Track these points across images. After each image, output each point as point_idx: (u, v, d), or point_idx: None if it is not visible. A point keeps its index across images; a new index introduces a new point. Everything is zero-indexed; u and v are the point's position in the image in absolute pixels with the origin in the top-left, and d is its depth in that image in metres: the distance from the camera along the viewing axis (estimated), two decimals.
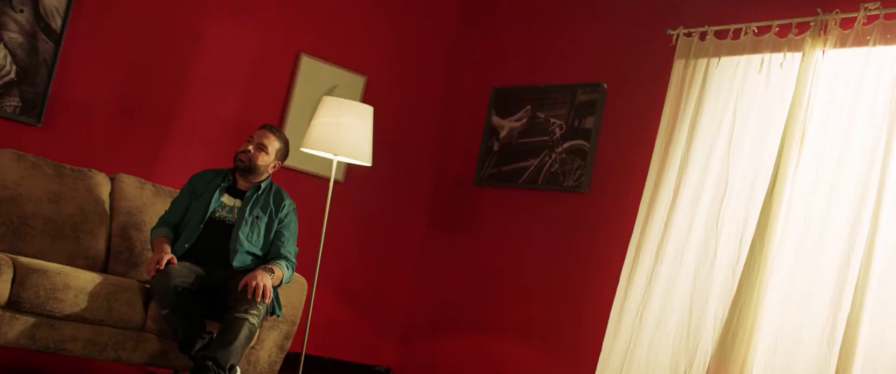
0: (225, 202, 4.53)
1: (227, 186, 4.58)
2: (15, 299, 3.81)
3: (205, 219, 4.45)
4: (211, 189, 4.53)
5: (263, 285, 4.17)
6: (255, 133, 4.64)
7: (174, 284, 4.07)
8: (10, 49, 4.97)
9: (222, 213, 4.50)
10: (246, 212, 4.49)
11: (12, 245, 4.31)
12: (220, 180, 4.58)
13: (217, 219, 4.48)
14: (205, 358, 4.03)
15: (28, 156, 4.55)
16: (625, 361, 4.91)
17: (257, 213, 4.52)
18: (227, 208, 4.52)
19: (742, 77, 4.87)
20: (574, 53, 6.02)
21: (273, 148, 4.61)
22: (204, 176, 4.64)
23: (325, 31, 6.14)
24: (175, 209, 4.54)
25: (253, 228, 4.48)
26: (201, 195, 4.53)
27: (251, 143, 4.57)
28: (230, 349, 4.01)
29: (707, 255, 4.73)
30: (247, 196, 4.55)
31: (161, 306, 4.09)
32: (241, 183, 4.61)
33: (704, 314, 4.67)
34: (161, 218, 4.56)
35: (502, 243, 6.06)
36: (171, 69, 5.55)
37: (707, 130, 4.93)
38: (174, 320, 4.09)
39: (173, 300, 4.06)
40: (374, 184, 6.34)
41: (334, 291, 6.16)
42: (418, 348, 6.41)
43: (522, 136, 6.08)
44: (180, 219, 4.52)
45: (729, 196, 4.74)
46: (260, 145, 4.57)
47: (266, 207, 4.57)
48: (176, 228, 4.51)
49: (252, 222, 4.49)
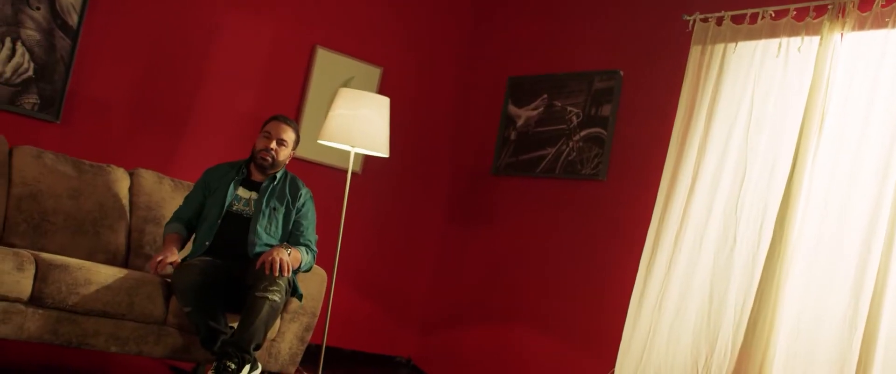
0: (241, 195, 4.52)
1: (242, 178, 4.56)
2: (37, 294, 3.83)
3: (222, 214, 4.44)
4: (225, 183, 4.52)
5: (280, 259, 4.14)
6: (269, 127, 4.59)
7: (197, 281, 4.07)
8: (27, 47, 5.00)
9: (239, 206, 4.49)
10: (263, 204, 4.48)
11: (34, 241, 4.33)
12: (234, 173, 4.56)
13: (234, 213, 4.47)
14: (226, 345, 4.05)
15: (47, 153, 4.57)
16: (645, 349, 4.90)
17: (274, 204, 4.51)
18: (244, 200, 4.51)
19: (759, 62, 4.84)
20: (590, 41, 6.00)
21: (290, 140, 4.61)
22: (218, 170, 4.62)
23: (340, 24, 6.14)
24: (188, 205, 4.55)
25: (271, 220, 4.47)
26: (216, 190, 4.51)
27: (270, 139, 4.53)
28: (251, 328, 4.00)
29: (726, 241, 4.72)
30: (263, 188, 4.54)
31: (184, 303, 4.09)
32: (255, 175, 4.59)
33: (725, 300, 4.65)
34: (175, 213, 4.57)
35: (520, 232, 6.06)
36: (188, 64, 5.57)
37: (725, 115, 4.91)
38: (197, 317, 4.09)
39: (196, 298, 4.07)
40: (392, 175, 6.34)
41: (353, 282, 6.18)
42: (438, 338, 6.42)
43: (539, 125, 6.07)
44: (194, 214, 4.52)
45: (748, 182, 4.72)
46: (280, 141, 4.54)
47: (282, 197, 4.55)
48: (189, 223, 4.51)
49: (269, 214, 4.48)
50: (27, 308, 3.84)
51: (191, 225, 4.54)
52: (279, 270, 4.11)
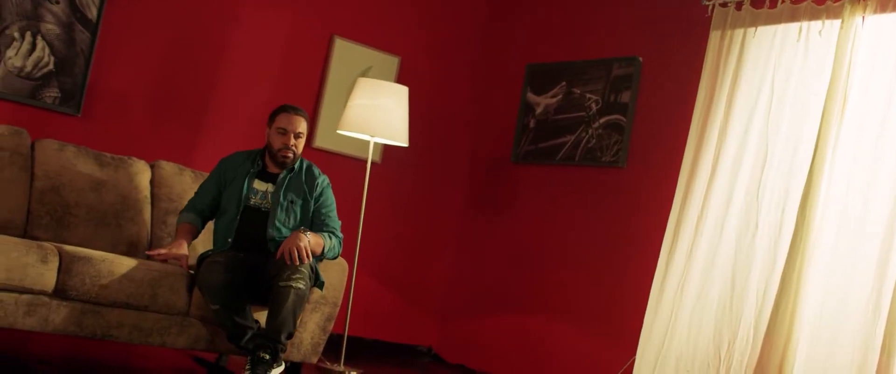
0: (257, 188, 4.45)
1: (257, 170, 4.48)
2: (61, 286, 3.86)
3: (240, 209, 4.40)
4: (241, 176, 4.45)
5: (298, 247, 4.11)
6: (282, 122, 4.43)
7: (223, 279, 4.07)
8: (47, 41, 5.02)
9: (256, 200, 4.43)
10: (280, 197, 4.42)
11: (57, 234, 4.36)
12: (249, 165, 4.49)
13: (252, 207, 4.41)
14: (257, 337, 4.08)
15: (69, 146, 4.60)
16: (666, 336, 4.89)
17: (291, 197, 4.44)
18: (260, 193, 4.44)
19: (780, 47, 4.82)
20: (608, 27, 5.98)
21: (306, 130, 4.52)
22: (233, 161, 4.55)
23: (357, 14, 6.14)
24: (202, 195, 4.50)
25: (289, 213, 4.42)
26: (232, 182, 4.45)
27: (286, 134, 4.42)
28: (280, 318, 4.01)
29: (748, 227, 4.70)
30: (279, 180, 4.46)
31: (211, 301, 4.10)
32: (271, 167, 4.51)
33: (747, 286, 4.64)
34: (190, 202, 4.53)
35: (540, 220, 6.05)
36: (206, 55, 5.59)
37: (745, 101, 4.88)
38: (224, 315, 4.10)
39: (223, 296, 4.07)
40: (411, 164, 6.35)
41: (374, 272, 6.19)
42: (459, 327, 6.42)
43: (558, 112, 6.06)
44: (208, 204, 4.49)
45: (769, 167, 4.70)
46: (297, 135, 4.45)
47: (299, 189, 4.48)
48: (202, 213, 4.49)
49: (287, 207, 4.42)
50: (52, 301, 3.86)
51: (204, 215, 4.52)
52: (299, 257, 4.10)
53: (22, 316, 3.80)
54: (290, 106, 4.53)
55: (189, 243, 4.42)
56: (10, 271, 3.73)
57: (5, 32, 4.91)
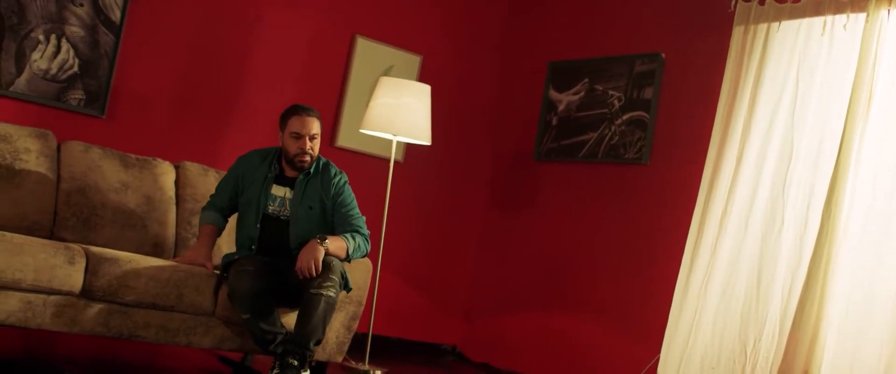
0: (275, 194, 4.38)
1: (274, 175, 4.40)
2: (88, 287, 3.88)
3: (259, 218, 4.35)
4: (258, 181, 4.38)
5: (316, 259, 4.06)
6: (296, 126, 4.33)
7: (252, 289, 4.06)
8: (72, 43, 5.05)
9: (274, 207, 4.36)
10: (298, 203, 4.34)
11: (83, 235, 4.39)
12: (265, 170, 4.40)
13: (271, 216, 4.35)
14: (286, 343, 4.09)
15: (94, 147, 4.63)
16: (691, 333, 4.87)
17: (310, 203, 4.36)
18: (279, 199, 4.37)
19: (804, 41, 4.78)
20: (630, 24, 5.96)
21: (320, 130, 4.41)
22: (250, 162, 4.47)
23: (379, 13, 6.15)
24: (221, 194, 4.47)
25: (308, 219, 4.35)
26: (249, 186, 4.39)
27: (301, 138, 4.32)
28: (310, 326, 4.01)
29: (774, 224, 4.67)
30: (297, 185, 4.38)
31: (241, 310, 4.10)
32: (288, 171, 4.42)
33: (773, 283, 4.61)
34: (210, 200, 4.50)
35: (564, 217, 6.04)
36: (229, 56, 5.61)
37: (769, 96, 4.85)
38: (253, 323, 4.12)
39: (252, 305, 4.07)
40: (434, 163, 6.35)
41: (398, 271, 6.20)
42: (483, 325, 6.42)
43: (581, 109, 6.04)
44: (227, 202, 4.45)
45: (794, 163, 4.67)
46: (312, 137, 4.35)
47: (316, 193, 4.38)
48: (223, 211, 4.46)
49: (306, 214, 4.35)
50: (79, 301, 3.89)
51: (225, 212, 4.49)
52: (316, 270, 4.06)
53: (50, 317, 3.84)
54: (300, 107, 4.41)
55: (212, 245, 4.42)
56: (39, 273, 3.76)
57: (30, 35, 4.94)
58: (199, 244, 4.39)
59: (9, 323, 3.77)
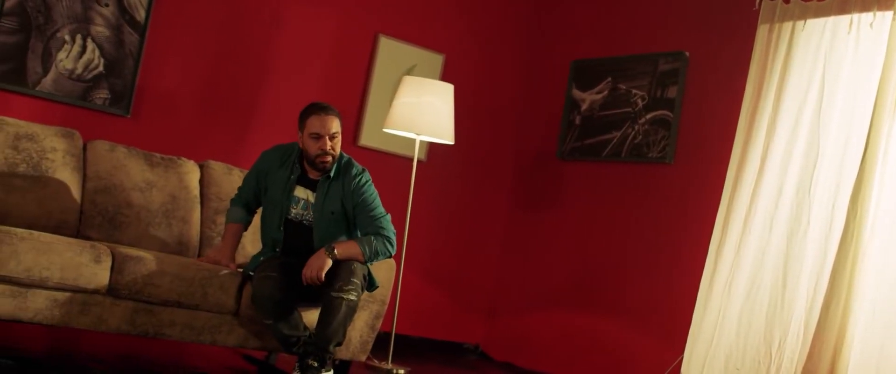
0: (298, 196, 4.31)
1: (297, 176, 4.32)
2: (114, 286, 3.90)
3: (281, 222, 4.30)
4: (281, 184, 4.31)
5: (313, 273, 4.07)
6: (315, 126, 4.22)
7: (276, 295, 4.06)
8: (97, 43, 5.09)
9: (297, 210, 4.30)
10: (321, 208, 4.28)
11: (108, 234, 4.41)
12: (288, 172, 4.32)
13: (294, 221, 4.30)
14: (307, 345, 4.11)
15: (120, 146, 4.65)
16: (715, 333, 4.85)
17: (332, 207, 4.28)
18: (302, 202, 4.30)
19: (830, 40, 4.75)
20: (654, 22, 5.94)
21: (339, 128, 4.29)
22: (272, 160, 4.40)
23: (402, 12, 6.16)
24: (246, 188, 4.43)
25: (331, 224, 4.29)
26: (271, 187, 4.34)
27: (321, 138, 4.21)
28: (330, 329, 4.02)
29: (800, 224, 4.64)
30: (319, 187, 4.30)
31: (264, 316, 4.11)
32: (310, 172, 4.33)
33: (798, 283, 4.59)
34: (237, 194, 4.48)
35: (587, 216, 6.03)
36: (253, 55, 5.63)
37: (794, 95, 4.82)
38: (276, 329, 4.13)
39: (276, 311, 4.08)
40: (457, 162, 6.35)
41: (421, 270, 6.20)
42: (506, 325, 6.42)
43: (604, 108, 6.03)
44: (252, 196, 4.42)
45: (820, 162, 4.64)
46: (332, 136, 4.23)
47: (338, 196, 4.29)
48: (248, 205, 4.43)
49: (328, 219, 4.28)
50: (105, 299, 3.91)
51: (251, 207, 4.47)
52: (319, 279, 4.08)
53: (77, 315, 3.86)
54: (318, 105, 4.30)
55: (235, 245, 4.42)
56: (65, 271, 3.79)
57: (56, 35, 4.98)
58: (222, 244, 4.41)
59: (36, 321, 3.80)
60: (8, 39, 4.87)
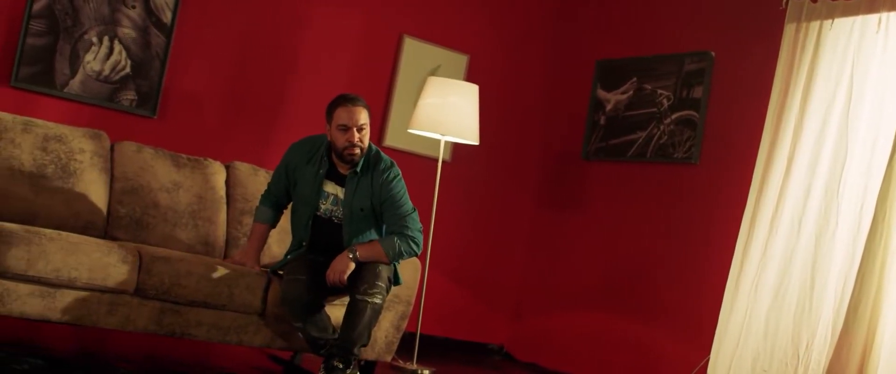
0: (328, 191, 4.28)
1: (325, 170, 4.29)
2: (141, 286, 3.93)
3: (309, 218, 4.30)
4: (309, 179, 4.28)
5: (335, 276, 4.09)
6: (343, 117, 4.17)
7: (305, 298, 4.07)
8: (124, 44, 5.12)
9: (327, 205, 4.28)
10: (350, 204, 4.25)
11: (135, 234, 4.44)
12: (316, 166, 4.29)
13: (323, 218, 4.28)
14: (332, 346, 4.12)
15: (147, 147, 4.68)
16: (741, 334, 4.82)
17: (361, 204, 4.24)
18: (332, 197, 4.28)
19: (858, 39, 4.71)
20: (679, 22, 5.91)
21: (368, 119, 4.24)
22: (299, 155, 4.36)
23: (426, 12, 6.16)
24: (275, 184, 4.42)
25: (361, 221, 4.27)
26: (299, 181, 4.31)
27: (349, 130, 4.17)
28: (355, 333, 4.03)
29: (828, 224, 4.61)
30: (348, 182, 4.26)
31: (293, 319, 4.13)
32: (339, 166, 4.29)
33: (826, 284, 4.55)
34: (266, 191, 4.46)
35: (612, 217, 6.01)
36: (278, 56, 5.65)
37: (822, 95, 4.79)
38: (305, 332, 4.15)
39: (305, 314, 4.09)
40: (482, 162, 6.35)
41: (446, 270, 6.20)
42: (531, 325, 6.41)
43: (629, 108, 6.01)
44: (283, 192, 4.40)
45: (848, 163, 4.60)
46: (360, 128, 4.18)
47: (367, 192, 4.25)
48: (278, 201, 4.42)
49: (358, 216, 4.25)
50: (133, 300, 3.94)
51: (281, 203, 4.46)
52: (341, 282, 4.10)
53: (105, 315, 3.89)
54: (346, 97, 4.23)
55: (261, 246, 4.43)
56: (93, 272, 3.81)
57: (84, 37, 5.01)
58: (248, 246, 4.42)
59: (64, 321, 3.83)
60: (36, 42, 4.91)
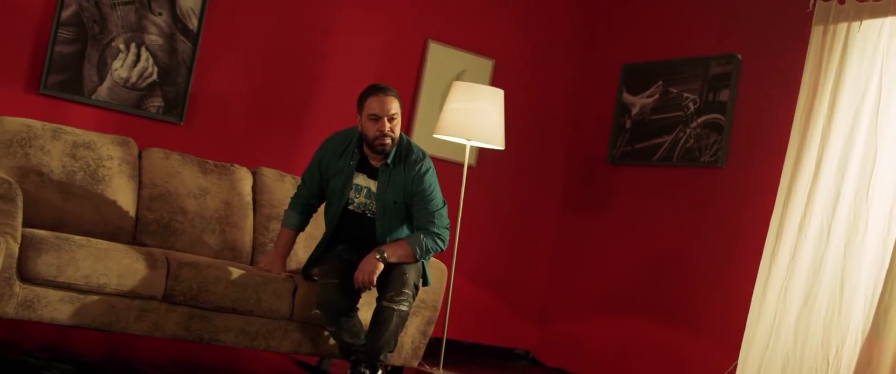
0: (360, 184, 4.25)
1: (357, 162, 4.25)
2: (170, 292, 3.95)
3: (339, 213, 4.28)
4: (342, 174, 4.25)
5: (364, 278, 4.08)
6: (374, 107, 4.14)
7: (338, 303, 4.08)
8: (151, 51, 5.15)
9: (360, 199, 4.25)
10: (383, 197, 4.21)
11: (163, 240, 4.46)
12: (348, 158, 4.26)
13: (355, 212, 4.27)
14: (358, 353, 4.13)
15: (174, 154, 4.70)
16: (770, 340, 4.79)
17: (394, 197, 4.21)
18: (364, 191, 4.26)
19: (887, 40, 4.67)
20: (705, 25, 5.89)
21: (399, 109, 4.21)
22: (331, 149, 4.33)
23: (451, 17, 6.17)
24: (308, 184, 4.39)
25: (394, 215, 4.25)
26: (334, 176, 4.28)
27: (380, 120, 4.12)
28: (381, 341, 4.04)
29: (858, 229, 4.57)
30: (380, 175, 4.23)
31: (327, 323, 4.14)
32: (371, 158, 4.26)
33: (856, 289, 4.51)
34: (296, 193, 4.43)
35: (638, 221, 5.99)
36: (304, 62, 5.67)
37: (850, 98, 4.75)
38: (338, 337, 4.17)
39: (338, 319, 4.10)
40: (507, 167, 6.34)
41: (472, 275, 6.20)
42: (556, 330, 6.39)
43: (655, 112, 5.99)
44: (314, 191, 4.37)
45: (878, 167, 4.56)
46: (391, 117, 4.14)
47: (399, 186, 4.21)
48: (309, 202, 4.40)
49: (391, 209, 4.23)
50: (161, 305, 3.96)
51: (313, 204, 4.43)
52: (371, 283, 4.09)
53: (133, 321, 3.91)
54: (378, 86, 4.21)
55: (287, 253, 4.43)
56: (122, 278, 3.84)
57: (111, 44, 5.05)
58: (274, 252, 4.42)
59: (93, 326, 3.85)
60: (65, 49, 4.95)
